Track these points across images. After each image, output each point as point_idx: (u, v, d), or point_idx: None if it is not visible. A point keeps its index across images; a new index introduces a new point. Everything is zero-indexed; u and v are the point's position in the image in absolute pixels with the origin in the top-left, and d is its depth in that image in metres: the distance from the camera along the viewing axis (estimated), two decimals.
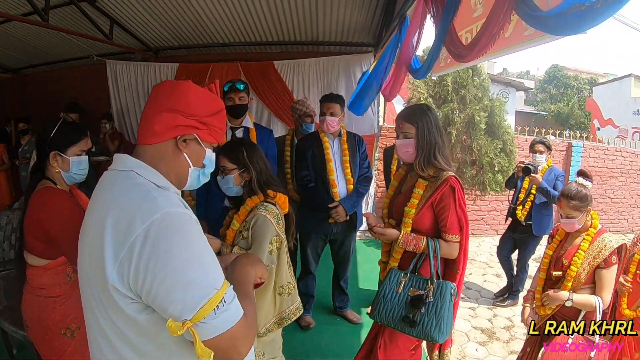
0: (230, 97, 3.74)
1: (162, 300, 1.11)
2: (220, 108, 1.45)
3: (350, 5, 5.01)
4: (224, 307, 1.15)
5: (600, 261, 2.76)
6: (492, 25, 2.16)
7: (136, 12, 5.45)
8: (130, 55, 6.90)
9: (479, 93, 6.90)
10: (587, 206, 2.83)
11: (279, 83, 6.28)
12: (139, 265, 1.10)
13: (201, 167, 1.47)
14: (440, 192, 2.43)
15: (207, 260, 1.20)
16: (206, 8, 5.18)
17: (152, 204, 1.18)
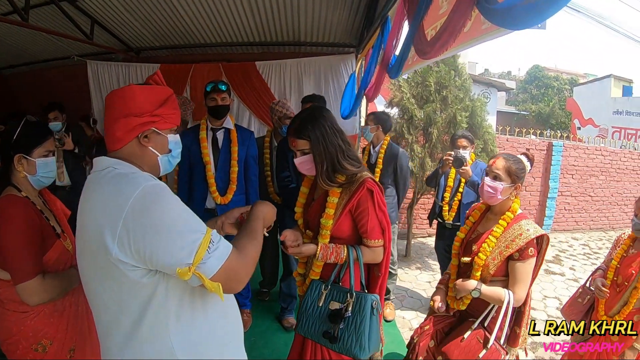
0: (213, 98, 3.73)
1: (164, 257, 1.31)
2: (166, 96, 1.59)
3: (332, 6, 5.00)
4: (214, 246, 1.38)
5: (514, 251, 2.50)
6: (455, 21, 2.15)
7: (117, 12, 5.39)
8: (111, 55, 6.81)
9: (461, 93, 6.95)
10: (518, 179, 2.61)
11: (261, 84, 6.25)
12: (136, 235, 1.30)
13: (168, 152, 1.64)
14: (357, 197, 2.25)
15: (189, 215, 1.41)
16: (188, 8, 5.14)
17: (132, 183, 1.37)
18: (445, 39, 2.28)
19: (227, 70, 6.34)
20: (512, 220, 2.60)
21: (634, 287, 2.90)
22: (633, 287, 2.90)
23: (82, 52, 6.77)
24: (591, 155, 10.81)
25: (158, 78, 1.65)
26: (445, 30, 2.25)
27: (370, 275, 2.49)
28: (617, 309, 3.00)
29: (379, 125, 4.68)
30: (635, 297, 2.87)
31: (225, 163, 3.86)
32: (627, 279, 2.96)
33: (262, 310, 4.57)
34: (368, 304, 2.25)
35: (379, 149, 4.70)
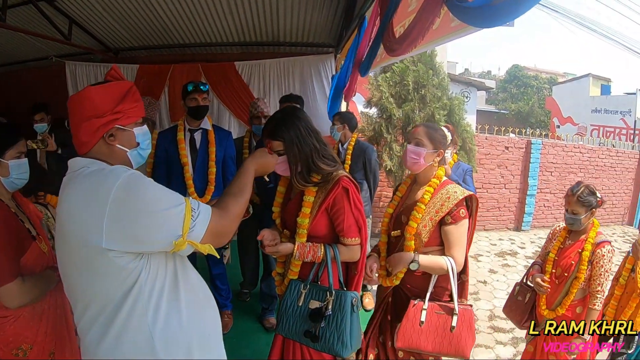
0: (194, 98, 3.68)
1: (159, 235, 1.40)
2: (125, 90, 1.59)
3: (311, 6, 5.01)
4: (196, 213, 1.46)
5: (445, 214, 2.47)
6: (424, 19, 2.18)
7: (95, 12, 5.32)
8: (89, 56, 6.72)
9: (439, 92, 7.02)
10: (441, 145, 2.56)
11: (240, 84, 6.24)
12: (127, 221, 1.36)
13: (136, 146, 1.65)
14: (333, 195, 2.24)
15: (167, 192, 1.47)
16: (167, 8, 5.11)
17: (110, 175, 1.41)
18: (414, 36, 2.31)
19: (206, 70, 6.32)
20: (439, 186, 2.57)
21: (574, 277, 2.98)
22: (573, 277, 2.98)
23: (60, 53, 6.68)
24: (569, 152, 10.98)
25: (115, 73, 1.64)
26: (414, 27, 2.28)
27: (348, 273, 2.46)
28: (558, 300, 3.06)
29: (345, 124, 4.73)
30: (575, 287, 2.96)
31: (203, 164, 3.83)
32: (566, 270, 3.03)
33: (243, 311, 4.55)
34: (348, 302, 2.24)
35: (347, 146, 4.75)
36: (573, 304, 3.02)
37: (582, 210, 2.97)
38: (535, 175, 10.33)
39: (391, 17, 2.76)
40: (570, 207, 3.01)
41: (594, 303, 2.94)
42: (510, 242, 9.21)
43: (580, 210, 2.97)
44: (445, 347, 2.48)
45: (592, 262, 2.95)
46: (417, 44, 2.35)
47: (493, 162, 9.97)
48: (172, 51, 6.70)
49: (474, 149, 7.26)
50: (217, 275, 4.10)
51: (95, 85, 1.55)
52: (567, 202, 3.04)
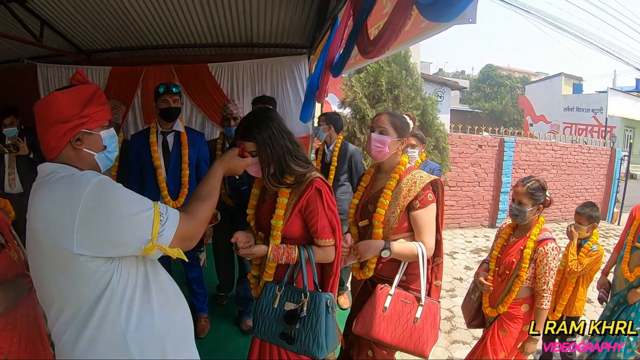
0: (165, 100, 3.65)
1: (127, 241, 1.43)
2: (91, 93, 1.61)
3: (284, 7, 5.00)
4: (165, 217, 1.49)
5: (412, 199, 2.45)
6: (396, 20, 2.18)
7: (67, 13, 5.24)
8: (62, 58, 6.61)
9: (412, 92, 7.10)
10: (404, 133, 2.55)
11: (213, 85, 6.20)
12: (97, 226, 1.38)
13: (103, 149, 1.67)
14: (306, 196, 2.23)
15: (135, 197, 1.49)
16: (139, 9, 5.06)
17: (81, 181, 1.42)
18: (386, 38, 2.32)
19: (179, 72, 6.27)
20: (404, 172, 2.55)
21: (516, 276, 2.92)
22: (515, 275, 2.93)
23: (31, 55, 6.57)
24: (542, 150, 11.18)
25: (80, 76, 1.67)
26: (386, 29, 2.29)
27: (323, 274, 2.45)
28: (500, 299, 3.01)
29: (331, 125, 4.75)
30: (517, 285, 2.91)
31: (176, 167, 3.80)
32: (508, 268, 2.99)
33: (220, 314, 4.51)
34: (323, 303, 2.22)
35: (333, 148, 4.77)
36: (517, 302, 2.95)
37: (529, 202, 2.92)
38: (509, 172, 10.49)
39: (365, 19, 2.76)
40: (518, 198, 2.96)
41: (541, 302, 2.87)
42: (485, 238, 9.31)
43: (527, 202, 2.92)
44: (405, 341, 2.43)
45: (536, 260, 2.90)
46: (391, 45, 2.37)
47: (467, 161, 10.09)
48: (145, 53, 6.60)
49: (447, 148, 7.35)
50: (194, 279, 4.08)
51: (60, 90, 1.55)
52: (515, 193, 3.00)
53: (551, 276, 2.84)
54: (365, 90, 7.15)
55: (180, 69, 6.28)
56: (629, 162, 12.90)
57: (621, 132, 25.50)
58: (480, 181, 10.33)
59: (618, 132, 24.62)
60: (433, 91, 16.29)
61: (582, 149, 12.03)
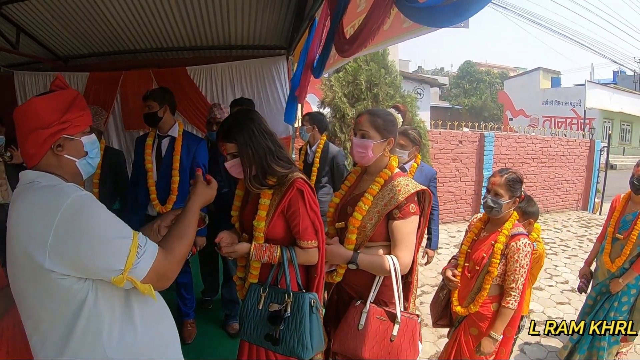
0: (148, 105, 3.69)
1: (97, 266, 1.37)
2: (71, 99, 1.58)
3: (261, 8, 4.99)
4: (142, 250, 1.44)
5: (393, 208, 2.27)
6: (373, 19, 2.17)
7: (43, 20, 5.18)
8: (39, 65, 6.55)
9: (391, 90, 7.14)
10: (389, 133, 2.37)
11: (192, 89, 6.18)
12: (69, 245, 1.33)
13: (85, 155, 1.63)
14: (288, 197, 2.20)
15: (115, 222, 1.44)
16: (116, 14, 5.01)
17: (60, 194, 1.38)
18: (364, 37, 2.31)
19: (157, 76, 6.24)
20: (390, 178, 2.37)
21: (486, 272, 2.78)
22: (485, 271, 2.79)
23: (8, 63, 6.51)
24: (522, 144, 11.33)
25: (60, 82, 1.63)
26: (363, 28, 2.28)
27: (309, 276, 2.40)
28: (470, 297, 2.87)
29: (315, 126, 4.75)
30: (488, 282, 2.76)
31: (166, 171, 3.78)
32: (478, 264, 2.84)
33: (206, 319, 4.48)
34: (306, 303, 2.19)
35: (316, 149, 4.76)
36: (487, 301, 2.80)
37: (506, 194, 2.77)
38: (490, 167, 10.61)
39: (340, 18, 2.75)
40: (495, 189, 2.80)
41: (507, 301, 2.70)
42: None
43: (504, 194, 2.77)
44: (384, 357, 2.30)
45: (507, 255, 2.74)
46: (368, 44, 2.33)
47: (448, 157, 10.18)
48: (123, 57, 6.55)
49: (428, 144, 7.42)
50: (183, 285, 4.05)
51: (39, 96, 1.53)
52: (492, 183, 2.83)
53: (521, 274, 2.69)
54: (345, 89, 7.18)
55: (159, 73, 6.26)
56: (609, 152, 13.12)
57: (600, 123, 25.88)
58: (461, 176, 10.44)
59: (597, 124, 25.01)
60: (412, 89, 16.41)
61: (561, 142, 12.23)
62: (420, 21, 1.88)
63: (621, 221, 3.75)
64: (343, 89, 7.18)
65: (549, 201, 11.88)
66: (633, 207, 3.73)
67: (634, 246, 3.55)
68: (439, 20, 1.69)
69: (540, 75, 28.39)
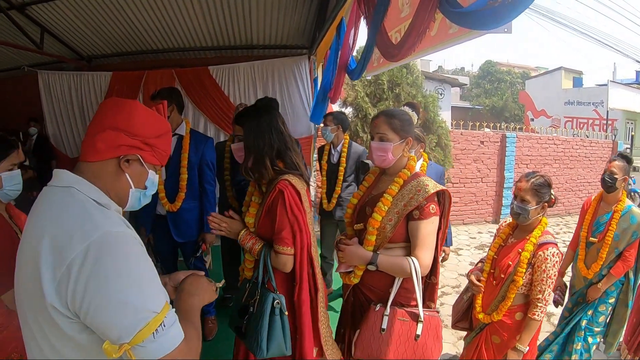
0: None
1: (99, 323, 1.10)
2: (165, 130, 1.43)
3: (283, 8, 5.02)
4: (163, 332, 1.14)
5: (413, 208, 2.20)
6: (418, 24, 2.20)
7: (67, 20, 5.28)
8: (62, 64, 6.65)
9: (413, 90, 7.11)
10: (407, 133, 2.31)
11: (215, 88, 6.21)
12: (77, 286, 1.08)
13: (143, 189, 1.44)
14: (271, 197, 2.20)
15: (147, 283, 1.18)
16: (139, 14, 5.10)
17: (91, 223, 1.15)
18: (411, 42, 2.34)
19: (180, 76, 6.28)
20: (410, 178, 2.32)
21: (511, 281, 2.65)
22: (510, 280, 2.66)
23: (32, 63, 6.62)
24: (544, 144, 11.18)
25: (162, 109, 1.48)
26: (410, 33, 2.31)
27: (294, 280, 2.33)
28: (494, 304, 2.75)
29: (339, 125, 4.73)
30: (513, 291, 2.64)
31: (175, 170, 3.76)
32: (503, 271, 2.71)
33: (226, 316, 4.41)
34: (268, 303, 2.16)
35: (341, 149, 4.75)
36: (512, 309, 2.69)
37: (533, 200, 2.63)
38: (511, 168, 10.49)
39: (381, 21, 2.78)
40: (521, 194, 2.67)
41: (533, 312, 2.58)
42: (489, 234, 9.30)
43: (531, 200, 2.63)
44: (409, 358, 2.23)
45: (534, 265, 2.60)
46: (416, 48, 2.37)
47: (469, 157, 10.10)
48: (146, 57, 6.64)
49: (449, 144, 7.35)
50: None
51: (143, 105, 1.39)
52: (518, 189, 2.69)
53: (548, 285, 2.55)
54: (367, 89, 7.17)
55: (181, 73, 6.30)
56: (631, 154, 12.85)
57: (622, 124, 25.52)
58: (483, 177, 10.33)
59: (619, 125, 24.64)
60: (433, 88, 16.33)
61: (583, 143, 12.06)
62: (464, 24, 1.93)
63: (594, 224, 3.60)
64: (365, 88, 7.17)
65: (571, 203, 11.70)
66: (606, 207, 3.59)
67: (610, 249, 3.39)
68: (481, 23, 1.74)
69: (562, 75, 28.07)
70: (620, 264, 3.38)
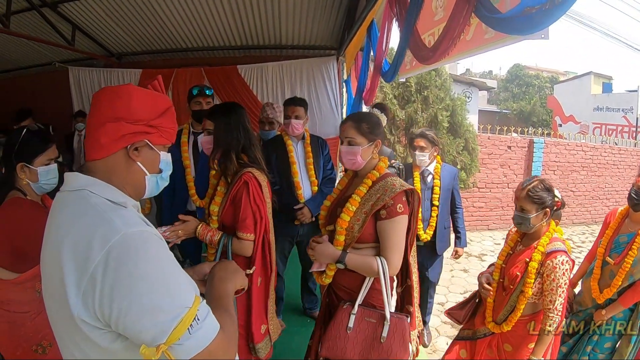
0: (199, 102, 3.78)
1: (132, 329, 1.04)
2: (167, 106, 1.34)
3: (312, 9, 5.02)
4: (198, 326, 1.10)
5: (379, 208, 2.19)
6: (453, 28, 2.21)
7: (98, 18, 5.36)
8: (92, 61, 6.77)
9: (441, 93, 7.06)
10: (375, 136, 2.33)
11: (243, 87, 6.25)
12: (103, 294, 1.03)
13: (158, 173, 1.37)
14: (236, 188, 2.39)
15: (175, 279, 1.13)
16: (169, 13, 5.14)
17: (109, 226, 1.09)
18: (445, 45, 2.35)
19: (209, 74, 6.34)
20: (378, 179, 2.32)
21: (520, 292, 2.57)
22: (519, 291, 2.58)
23: (63, 59, 6.74)
24: (572, 151, 11.01)
25: (158, 84, 1.40)
26: (444, 36, 2.32)
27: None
28: (504, 314, 2.66)
29: None
30: (522, 302, 2.55)
31: (204, 167, 3.70)
32: (512, 282, 2.63)
33: None
34: None
35: None
36: (523, 319, 2.61)
37: (532, 208, 2.54)
38: (538, 174, 10.31)
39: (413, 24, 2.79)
40: (519, 203, 2.59)
41: (546, 323, 2.48)
42: None
43: (529, 208, 2.54)
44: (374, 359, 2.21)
45: (543, 274, 2.52)
46: (450, 52, 2.38)
47: (496, 162, 9.98)
48: (175, 55, 6.71)
49: (477, 148, 7.29)
50: None
51: (137, 86, 1.28)
52: (516, 197, 2.63)
53: (559, 294, 2.45)
54: (395, 91, 7.15)
55: (210, 71, 6.36)
56: None
57: None
58: (509, 182, 10.20)
59: None
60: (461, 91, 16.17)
61: (612, 150, 11.85)
62: (500, 29, 1.93)
63: (614, 242, 3.19)
64: (393, 90, 7.15)
65: (597, 212, 11.49)
66: (630, 226, 3.17)
67: (626, 276, 3.00)
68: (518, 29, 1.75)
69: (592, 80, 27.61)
70: (630, 293, 3.03)
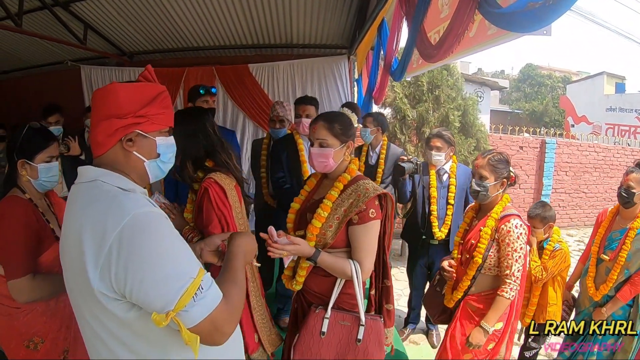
0: (206, 100, 3.85)
1: (144, 298, 1.17)
2: (155, 93, 1.43)
3: (323, 8, 5.03)
4: (202, 294, 1.22)
5: (353, 214, 2.14)
6: (457, 25, 2.21)
7: (110, 17, 5.40)
8: (104, 60, 6.83)
9: (453, 93, 7.02)
10: (347, 137, 2.27)
11: (254, 86, 6.26)
12: (118, 268, 1.16)
13: (156, 157, 1.47)
14: (199, 195, 2.26)
15: (180, 253, 1.27)
16: (180, 12, 5.16)
17: (120, 208, 1.22)
18: (449, 42, 2.35)
19: (220, 73, 6.37)
20: (349, 182, 2.25)
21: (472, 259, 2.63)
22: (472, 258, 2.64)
23: (75, 57, 6.79)
24: (584, 152, 10.90)
25: (148, 74, 1.47)
26: (449, 34, 2.32)
27: None
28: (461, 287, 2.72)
29: (379, 127, 4.65)
30: (472, 269, 2.63)
31: None
32: (469, 252, 2.68)
33: None
34: None
35: (380, 150, 4.67)
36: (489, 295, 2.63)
37: (491, 176, 2.64)
38: (550, 175, 10.28)
39: (421, 22, 2.79)
40: (479, 171, 2.67)
41: (502, 289, 2.52)
42: None
43: (488, 176, 2.64)
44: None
45: (498, 240, 2.57)
46: (454, 49, 2.37)
47: None
48: (186, 54, 6.75)
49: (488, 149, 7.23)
50: None
51: (122, 83, 1.40)
52: (476, 166, 2.71)
53: (515, 259, 2.50)
54: (406, 90, 7.13)
55: (221, 70, 6.39)
56: None
57: None
58: (521, 183, 10.12)
59: None
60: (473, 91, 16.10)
61: (625, 151, 11.71)
62: (502, 26, 1.92)
63: (607, 239, 3.25)
64: (404, 89, 7.13)
65: None
66: (621, 222, 3.23)
67: (621, 270, 3.05)
68: (520, 25, 1.75)
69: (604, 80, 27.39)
70: (628, 287, 3.05)
